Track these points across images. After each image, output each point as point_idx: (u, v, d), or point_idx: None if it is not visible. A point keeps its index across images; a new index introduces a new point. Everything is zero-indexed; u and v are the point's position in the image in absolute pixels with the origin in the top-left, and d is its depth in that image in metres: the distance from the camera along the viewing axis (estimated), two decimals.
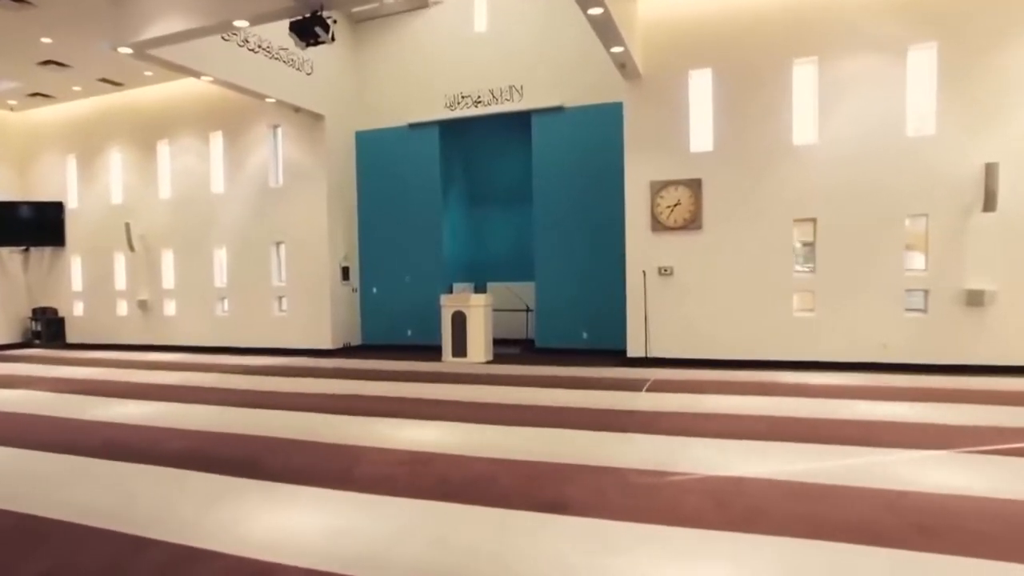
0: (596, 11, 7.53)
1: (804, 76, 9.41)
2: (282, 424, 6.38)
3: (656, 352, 9.96)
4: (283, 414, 6.92)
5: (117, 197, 14.52)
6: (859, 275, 9.06)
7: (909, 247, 9.03)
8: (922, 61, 8.75)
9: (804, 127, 9.39)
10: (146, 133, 13.93)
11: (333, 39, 7.09)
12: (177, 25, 7.72)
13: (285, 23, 7.54)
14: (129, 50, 8.28)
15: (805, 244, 9.70)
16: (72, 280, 15.29)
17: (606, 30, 8.17)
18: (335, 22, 7.05)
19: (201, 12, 7.54)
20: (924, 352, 8.82)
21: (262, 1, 7.23)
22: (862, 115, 8.98)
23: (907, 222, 8.89)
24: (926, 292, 8.88)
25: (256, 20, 7.58)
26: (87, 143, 14.69)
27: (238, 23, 7.61)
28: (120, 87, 13.35)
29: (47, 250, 15.38)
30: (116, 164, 14.53)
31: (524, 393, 7.80)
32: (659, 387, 8.01)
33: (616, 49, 8.83)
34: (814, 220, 9.32)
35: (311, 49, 11.58)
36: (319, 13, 6.87)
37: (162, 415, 7.02)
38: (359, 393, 8.07)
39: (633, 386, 8.11)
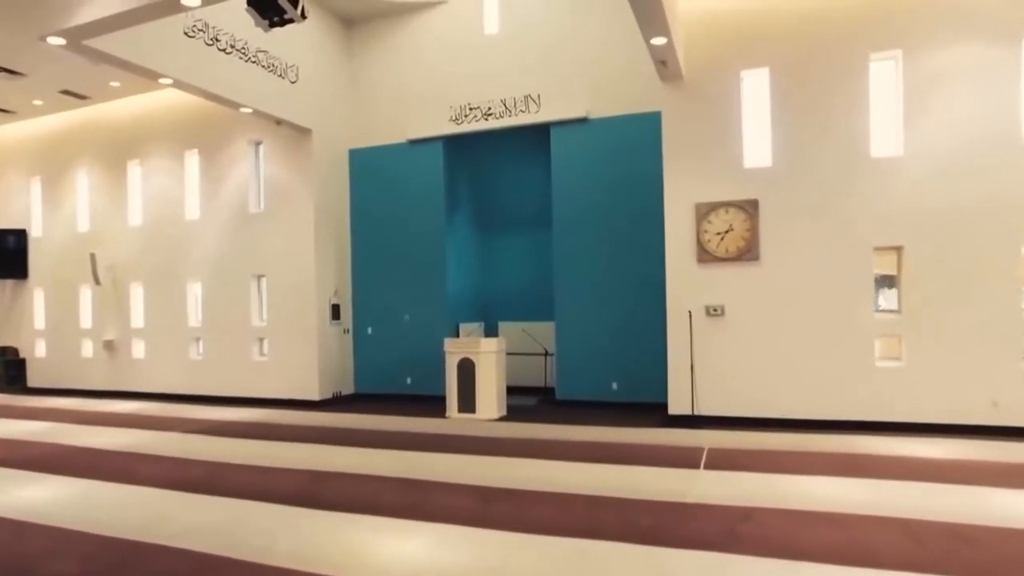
0: None
1: (883, 74, 7.80)
2: (220, 524, 4.65)
3: (705, 409, 8.19)
4: (228, 504, 5.19)
5: (84, 224, 12.99)
6: (958, 316, 7.32)
7: None
8: None
9: (885, 136, 7.76)
10: (116, 152, 12.44)
11: (304, 16, 5.52)
12: (115, 5, 6.16)
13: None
14: (61, 40, 6.74)
15: (887, 278, 8.01)
16: (35, 317, 13.70)
17: (649, 13, 6.57)
18: None
19: None
20: None
21: None
22: (960, 120, 7.33)
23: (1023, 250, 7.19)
24: None
25: None
26: (53, 164, 13.23)
27: (187, 1, 6.04)
28: (86, 100, 11.90)
29: (8, 283, 13.83)
30: (83, 187, 13.03)
31: (547, 470, 6.06)
32: (720, 460, 6.25)
33: (658, 40, 7.23)
34: (899, 248, 7.62)
35: (296, 53, 10.19)
36: None
37: (70, 505, 5.30)
38: (337, 468, 6.33)
39: (686, 459, 6.35)
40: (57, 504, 5.32)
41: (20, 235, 13.56)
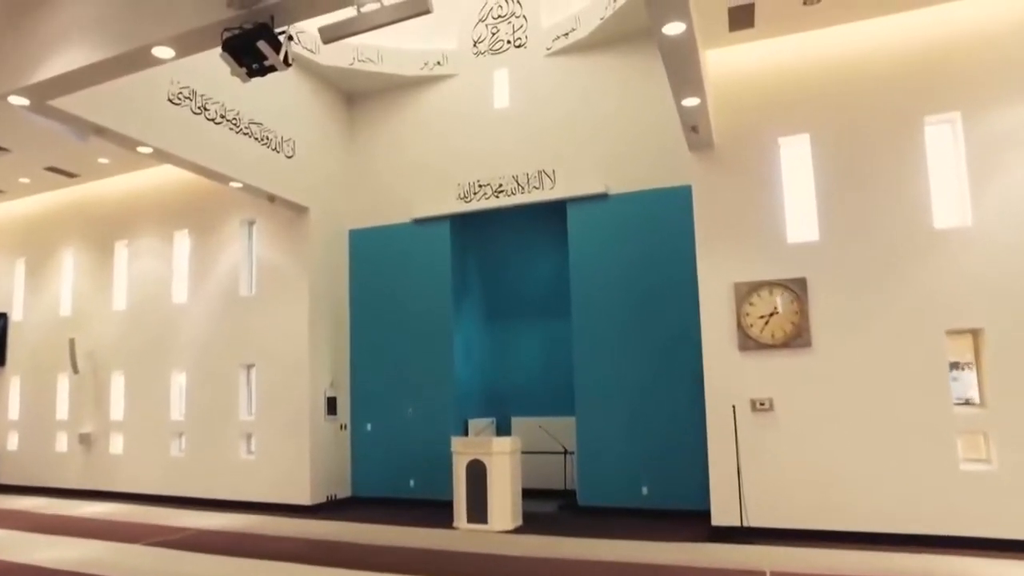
0: (675, 29, 5.20)
1: (940, 139, 7.03)
2: None
3: (757, 520, 6.99)
4: None
5: (66, 308, 12.23)
6: None
7: None
8: None
9: (948, 205, 6.93)
10: (103, 233, 11.81)
11: (288, 63, 4.78)
12: (79, 59, 5.49)
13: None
14: (24, 100, 6.05)
15: (956, 364, 6.98)
16: (9, 406, 12.74)
17: (683, 67, 5.86)
18: (291, 39, 4.75)
19: (105, 37, 5.35)
20: None
21: (183, 15, 4.99)
22: None
23: None
24: None
25: (184, 47, 5.32)
26: (38, 245, 12.65)
27: (159, 52, 5.37)
28: (74, 179, 11.34)
29: None
30: (68, 269, 12.36)
31: None
32: None
33: (690, 102, 6.51)
34: (976, 331, 6.64)
35: (293, 126, 9.47)
36: (266, 24, 4.56)
37: None
38: None
39: None
40: None
41: (1, 319, 12.77)
